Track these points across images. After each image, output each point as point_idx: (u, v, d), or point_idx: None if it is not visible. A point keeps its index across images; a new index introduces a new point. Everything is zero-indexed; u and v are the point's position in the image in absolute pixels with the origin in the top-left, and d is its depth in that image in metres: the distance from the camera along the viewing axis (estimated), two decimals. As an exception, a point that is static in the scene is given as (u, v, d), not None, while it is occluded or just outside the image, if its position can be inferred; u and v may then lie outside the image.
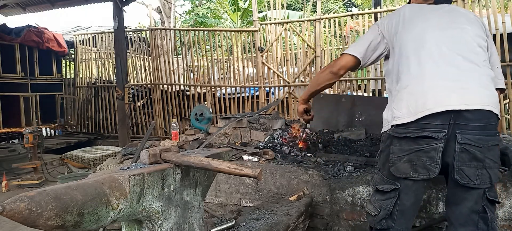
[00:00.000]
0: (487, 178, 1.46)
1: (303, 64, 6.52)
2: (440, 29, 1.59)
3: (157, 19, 12.62)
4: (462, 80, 1.47)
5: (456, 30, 1.58)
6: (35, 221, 0.88)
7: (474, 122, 1.43)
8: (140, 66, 8.05)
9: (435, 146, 1.45)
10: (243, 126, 3.59)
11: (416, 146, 1.48)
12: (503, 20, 4.99)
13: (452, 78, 1.48)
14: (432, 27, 1.60)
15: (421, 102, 1.46)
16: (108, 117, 8.13)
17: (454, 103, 1.43)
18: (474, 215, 1.49)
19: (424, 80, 1.51)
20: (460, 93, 1.45)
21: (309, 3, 7.63)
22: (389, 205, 1.58)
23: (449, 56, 1.52)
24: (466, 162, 1.45)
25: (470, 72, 1.49)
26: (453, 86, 1.46)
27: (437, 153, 1.46)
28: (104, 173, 1.22)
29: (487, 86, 1.49)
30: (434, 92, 1.47)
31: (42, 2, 7.15)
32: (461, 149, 1.44)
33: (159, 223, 1.30)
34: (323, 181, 2.51)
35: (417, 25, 1.63)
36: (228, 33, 7.64)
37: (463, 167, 1.45)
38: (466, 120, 1.43)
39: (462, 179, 1.46)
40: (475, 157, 1.44)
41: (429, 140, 1.46)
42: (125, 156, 3.44)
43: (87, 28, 10.20)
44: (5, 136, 7.18)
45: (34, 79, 7.74)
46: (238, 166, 1.27)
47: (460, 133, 1.44)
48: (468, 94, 1.45)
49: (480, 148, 1.44)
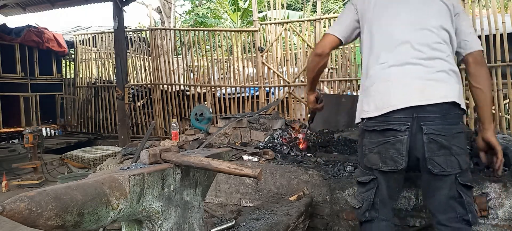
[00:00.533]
0: (456, 164, 1.53)
1: (303, 64, 6.52)
2: (406, 24, 1.65)
3: (157, 19, 12.63)
4: (423, 77, 1.56)
5: (422, 25, 1.63)
6: (35, 221, 0.88)
7: (436, 113, 1.52)
8: (140, 66, 8.05)
9: (399, 138, 1.55)
10: (243, 126, 3.59)
11: (383, 138, 1.59)
12: (503, 20, 4.99)
13: (415, 75, 1.57)
14: (399, 20, 1.66)
15: (386, 99, 1.57)
16: (108, 117, 8.13)
17: (415, 100, 1.53)
18: (452, 201, 1.56)
19: (389, 77, 1.60)
20: (421, 90, 1.54)
21: (309, 3, 7.63)
22: (370, 196, 1.68)
23: (413, 53, 1.59)
24: (435, 152, 1.53)
25: (433, 69, 1.57)
26: (416, 83, 1.56)
27: (402, 145, 1.55)
28: (104, 173, 1.22)
29: (447, 80, 1.56)
30: (397, 90, 1.56)
31: (42, 2, 7.15)
32: (428, 140, 1.52)
33: (159, 223, 1.30)
34: (323, 181, 2.51)
35: (384, 14, 1.69)
36: (228, 33, 7.64)
37: (433, 157, 1.53)
38: (428, 112, 1.53)
39: (434, 168, 1.53)
40: (442, 145, 1.52)
41: (393, 132, 1.56)
42: (125, 156, 3.44)
43: (87, 28, 10.20)
44: (5, 136, 7.17)
45: (34, 79, 7.74)
46: (238, 166, 1.27)
47: (425, 125, 1.52)
48: (429, 90, 1.54)
49: (445, 136, 1.52)
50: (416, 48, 1.59)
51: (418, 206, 2.25)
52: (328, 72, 6.78)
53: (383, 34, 1.67)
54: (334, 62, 6.70)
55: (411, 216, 2.26)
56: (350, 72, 6.40)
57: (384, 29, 1.67)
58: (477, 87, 1.66)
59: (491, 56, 5.05)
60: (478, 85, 1.65)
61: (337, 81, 6.35)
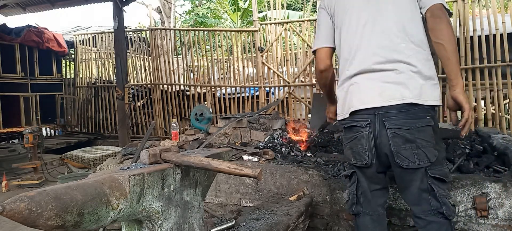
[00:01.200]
0: (423, 157, 1.54)
1: (303, 64, 6.52)
2: (366, 28, 1.67)
3: (157, 19, 12.63)
4: (383, 81, 1.60)
5: (382, 27, 1.65)
6: (35, 221, 0.88)
7: (396, 109, 1.56)
8: (140, 66, 8.05)
9: (362, 133, 1.63)
10: (243, 126, 3.59)
11: (352, 134, 1.69)
12: (503, 20, 4.99)
13: (375, 80, 1.62)
14: (359, 24, 1.69)
15: (350, 102, 1.68)
16: (108, 117, 8.13)
17: (376, 102, 1.59)
18: (425, 194, 1.58)
19: (352, 82, 1.68)
20: (380, 93, 1.59)
21: (309, 3, 7.63)
22: (353, 189, 1.76)
23: (373, 59, 1.63)
24: (401, 146, 1.55)
25: (392, 72, 1.60)
26: (375, 87, 1.61)
27: (366, 141, 1.62)
28: (104, 173, 1.22)
29: (406, 82, 1.57)
30: (360, 92, 1.64)
31: (42, 2, 7.15)
32: (392, 134, 1.56)
33: (159, 223, 1.30)
34: (323, 181, 2.51)
35: (346, 18, 1.73)
36: (228, 33, 7.64)
37: (400, 150, 1.56)
38: (389, 109, 1.57)
39: (402, 161, 1.56)
40: (407, 139, 1.54)
41: (357, 128, 1.65)
42: (125, 156, 3.44)
43: (87, 28, 10.21)
44: (5, 136, 7.17)
45: (34, 79, 7.74)
46: (238, 166, 1.27)
47: (387, 120, 1.57)
48: (387, 92, 1.58)
49: (408, 130, 1.54)
50: (376, 53, 1.62)
51: (418, 206, 2.25)
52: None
53: (346, 39, 1.73)
54: (334, 62, 6.70)
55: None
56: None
57: (346, 34, 1.73)
58: (438, 43, 1.58)
59: (491, 56, 5.05)
60: (438, 40, 1.57)
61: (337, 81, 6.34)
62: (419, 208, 1.60)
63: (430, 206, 1.57)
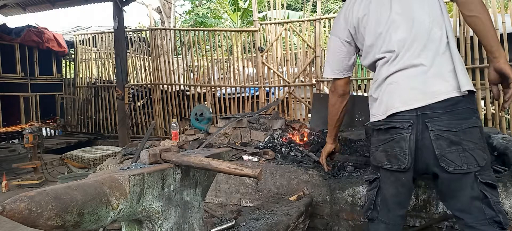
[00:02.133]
0: (472, 160, 1.43)
1: (303, 64, 6.52)
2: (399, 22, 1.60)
3: (157, 19, 12.63)
4: (424, 77, 1.52)
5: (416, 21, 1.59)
6: (35, 221, 0.88)
7: (440, 109, 1.47)
8: (140, 66, 8.05)
9: (403, 135, 1.51)
10: (243, 126, 3.59)
11: (388, 136, 1.57)
12: (503, 20, 4.99)
13: (416, 76, 1.53)
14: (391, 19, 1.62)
15: (391, 103, 1.56)
16: (108, 116, 8.13)
17: (419, 102, 1.49)
18: (477, 202, 1.45)
19: (392, 81, 1.58)
20: (423, 90, 1.50)
21: (309, 3, 7.63)
22: (372, 195, 1.66)
23: (413, 52, 1.55)
24: (445, 148, 1.45)
25: (433, 66, 1.52)
26: (417, 85, 1.52)
27: (406, 143, 1.51)
28: (104, 173, 1.22)
29: (448, 76, 1.50)
30: (400, 91, 1.55)
31: (42, 2, 7.15)
32: (435, 136, 1.46)
33: (159, 223, 1.30)
34: (323, 181, 2.51)
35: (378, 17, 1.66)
36: (228, 33, 7.64)
37: (445, 153, 1.45)
38: (432, 109, 1.47)
39: (448, 165, 1.45)
40: (451, 141, 1.44)
41: (397, 130, 1.54)
42: (125, 156, 3.44)
43: (87, 28, 10.21)
44: (5, 136, 7.18)
45: (34, 79, 7.74)
46: (238, 166, 1.27)
47: (429, 122, 1.47)
48: (432, 88, 1.49)
49: (453, 132, 1.44)
50: (414, 48, 1.55)
51: (418, 206, 2.25)
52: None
53: (381, 36, 1.64)
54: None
55: (411, 216, 2.26)
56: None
57: (379, 31, 1.65)
58: (472, 16, 1.47)
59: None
60: (472, 13, 1.47)
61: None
62: (470, 216, 1.48)
63: (484, 215, 1.44)
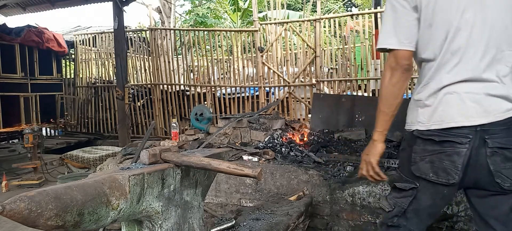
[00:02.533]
0: None
1: (303, 64, 6.52)
2: (477, 23, 1.41)
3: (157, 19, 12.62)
4: (490, 94, 1.40)
5: (497, 21, 1.41)
6: (35, 221, 0.88)
7: (500, 126, 1.40)
8: (140, 66, 8.05)
9: (458, 149, 1.41)
10: (243, 126, 3.59)
11: (439, 148, 1.44)
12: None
13: (482, 92, 1.41)
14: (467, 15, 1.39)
15: (449, 115, 1.42)
16: (108, 116, 8.13)
17: (482, 119, 1.38)
18: None
19: (452, 88, 1.43)
20: (486, 108, 1.39)
21: (309, 3, 7.63)
22: (404, 203, 1.56)
23: (481, 61, 1.40)
24: (501, 164, 1.40)
25: (501, 83, 1.40)
26: (482, 101, 1.40)
27: (460, 158, 1.40)
28: (104, 173, 1.22)
29: (509, 94, 1.41)
30: (462, 107, 1.41)
31: (42, 2, 7.15)
32: (492, 153, 1.39)
33: (159, 223, 1.30)
34: (323, 181, 2.51)
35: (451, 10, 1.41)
36: (228, 33, 7.64)
37: (500, 169, 1.40)
38: (492, 126, 1.39)
39: (503, 182, 1.40)
40: (506, 157, 1.40)
41: (452, 144, 1.42)
42: (125, 156, 3.45)
43: (87, 28, 10.20)
44: (5, 136, 7.18)
45: (34, 79, 7.74)
46: (238, 166, 1.27)
47: (489, 138, 1.39)
48: (495, 106, 1.39)
49: (509, 149, 1.40)
50: (482, 60, 1.39)
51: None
52: (328, 72, 6.79)
53: (449, 34, 1.41)
54: (334, 62, 6.70)
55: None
56: (350, 72, 6.40)
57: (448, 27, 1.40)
58: None
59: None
60: None
61: (337, 81, 6.35)
62: (506, 228, 1.47)
63: None
